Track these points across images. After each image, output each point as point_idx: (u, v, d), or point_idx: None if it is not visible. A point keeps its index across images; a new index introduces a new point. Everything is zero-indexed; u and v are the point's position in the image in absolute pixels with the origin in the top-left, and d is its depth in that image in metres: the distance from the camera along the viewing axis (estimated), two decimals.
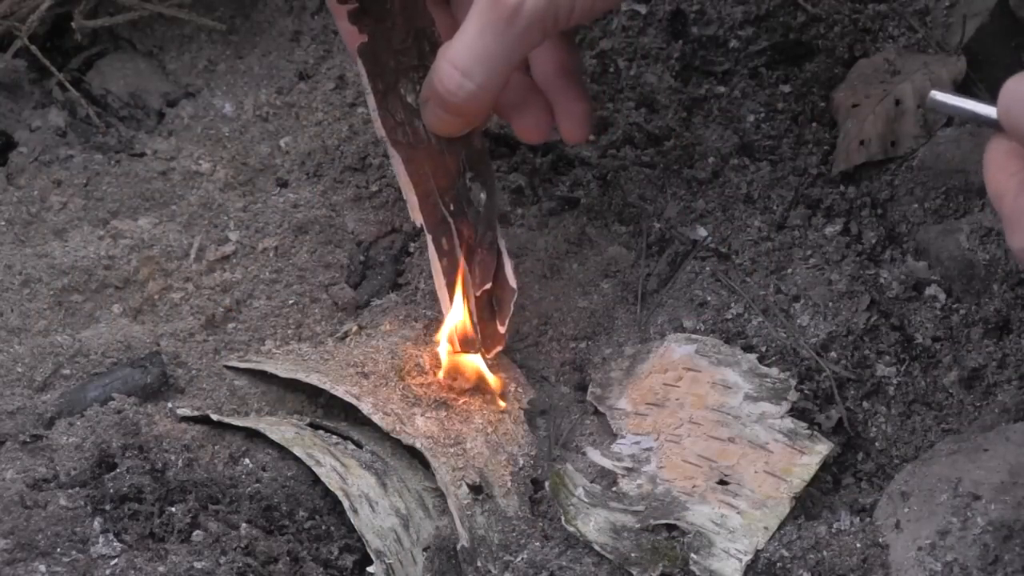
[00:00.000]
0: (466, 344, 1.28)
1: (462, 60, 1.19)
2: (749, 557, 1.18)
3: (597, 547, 1.19)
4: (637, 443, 1.27)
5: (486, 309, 1.29)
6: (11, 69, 1.55)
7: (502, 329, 1.29)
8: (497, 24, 1.17)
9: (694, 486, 1.23)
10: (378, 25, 1.26)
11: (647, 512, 1.21)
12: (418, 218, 1.27)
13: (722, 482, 1.22)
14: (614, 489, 1.25)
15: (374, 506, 1.19)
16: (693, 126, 1.51)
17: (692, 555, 1.18)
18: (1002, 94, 1.01)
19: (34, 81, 1.57)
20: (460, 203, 1.28)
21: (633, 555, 1.19)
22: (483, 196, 1.28)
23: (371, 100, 1.28)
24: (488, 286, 1.28)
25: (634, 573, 1.18)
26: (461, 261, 1.27)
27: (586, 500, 1.23)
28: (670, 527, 1.20)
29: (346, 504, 1.18)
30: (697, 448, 1.24)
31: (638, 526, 1.20)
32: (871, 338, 1.34)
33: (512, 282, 1.29)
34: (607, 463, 1.27)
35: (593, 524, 1.21)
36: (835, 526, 1.21)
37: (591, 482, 1.26)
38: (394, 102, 1.28)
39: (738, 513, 1.20)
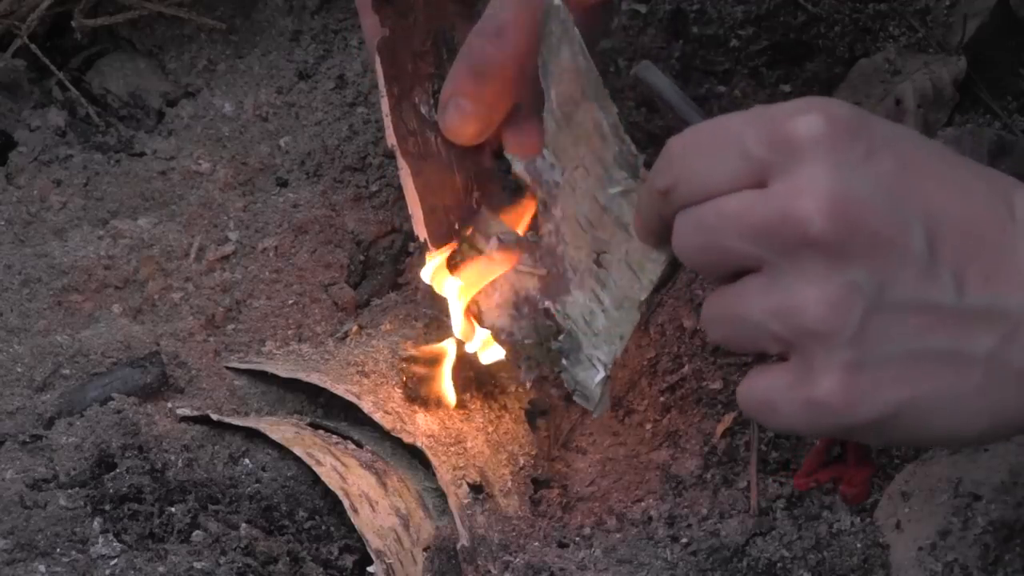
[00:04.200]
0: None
1: (492, 27, 1.21)
2: (607, 372, 1.14)
3: (493, 333, 1.17)
4: (552, 166, 1.16)
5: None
6: (11, 68, 1.56)
7: None
8: None
9: (580, 259, 1.16)
10: (400, 20, 1.26)
11: (548, 280, 1.17)
12: (422, 232, 1.26)
13: (598, 262, 1.14)
14: (528, 234, 1.20)
15: (374, 506, 1.19)
16: None
17: (563, 360, 1.16)
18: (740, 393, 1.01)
19: (34, 80, 1.57)
20: (465, 223, 1.27)
21: (527, 342, 1.17)
22: None
23: (384, 104, 1.26)
24: None
25: (521, 369, 1.16)
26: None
27: (496, 255, 1.20)
28: (548, 314, 1.17)
29: (346, 504, 1.18)
30: (584, 207, 1.15)
31: (538, 297, 1.17)
32: None
33: None
34: (527, 178, 1.18)
35: (497, 296, 1.18)
36: (835, 526, 1.21)
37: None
38: (407, 110, 1.27)
39: (603, 311, 1.15)
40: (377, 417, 1.24)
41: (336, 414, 1.29)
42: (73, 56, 1.62)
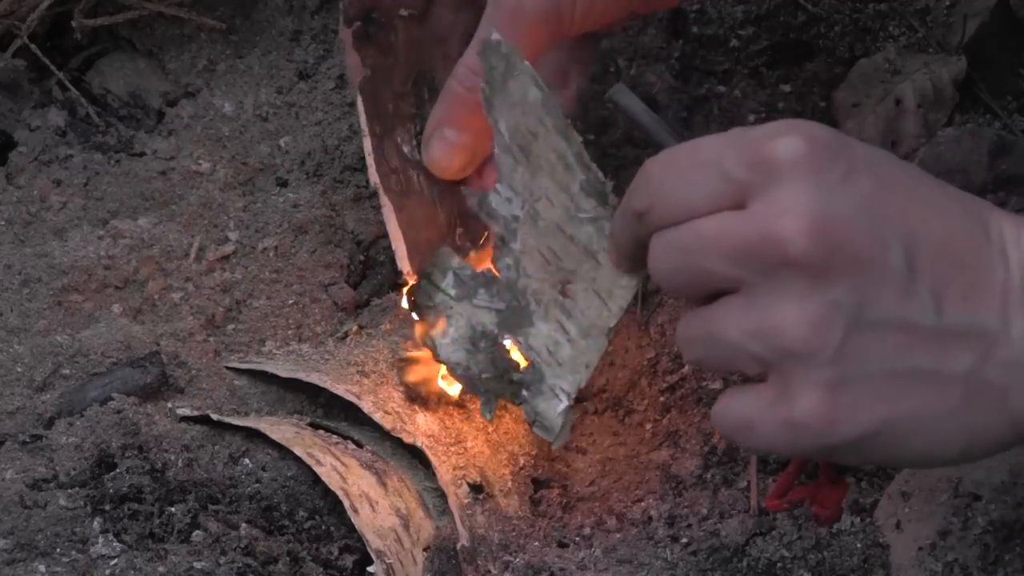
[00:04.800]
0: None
1: (477, 62, 1.21)
2: (571, 401, 1.14)
3: (449, 368, 1.18)
4: (509, 201, 1.16)
5: None
6: (11, 68, 1.55)
7: None
8: (501, 25, 1.19)
9: (543, 291, 1.16)
10: (381, 58, 1.27)
11: (507, 314, 1.17)
12: (405, 267, 1.27)
13: (563, 292, 1.15)
14: (484, 269, 1.19)
15: (374, 506, 1.19)
16: (694, 126, 1.51)
17: (524, 392, 1.16)
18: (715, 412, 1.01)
19: (34, 80, 1.57)
20: None
21: (484, 376, 1.17)
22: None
23: (367, 143, 1.28)
24: None
25: (480, 402, 1.17)
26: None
27: (453, 291, 1.19)
28: (507, 347, 1.17)
29: (346, 504, 1.18)
30: (548, 238, 1.15)
31: (495, 332, 1.17)
32: None
33: None
34: (480, 214, 1.18)
35: (453, 331, 1.19)
36: (835, 526, 1.21)
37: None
38: (389, 149, 1.28)
39: (569, 341, 1.15)
40: (377, 417, 1.24)
41: (336, 414, 1.29)
42: (73, 56, 1.62)
